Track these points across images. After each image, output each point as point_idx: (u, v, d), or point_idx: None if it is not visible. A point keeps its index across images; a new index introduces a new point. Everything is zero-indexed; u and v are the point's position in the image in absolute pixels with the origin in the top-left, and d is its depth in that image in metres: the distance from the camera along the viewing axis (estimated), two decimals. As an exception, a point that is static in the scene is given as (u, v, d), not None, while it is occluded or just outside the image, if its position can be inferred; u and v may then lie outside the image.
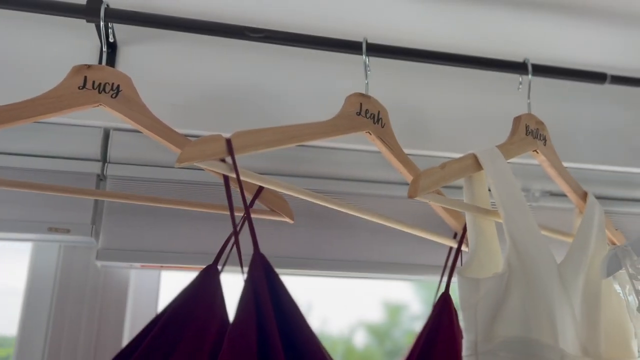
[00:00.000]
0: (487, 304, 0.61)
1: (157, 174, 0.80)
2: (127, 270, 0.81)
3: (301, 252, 0.80)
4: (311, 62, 0.85)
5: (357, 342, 1.01)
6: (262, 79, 0.83)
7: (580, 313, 0.73)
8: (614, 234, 0.86)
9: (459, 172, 0.65)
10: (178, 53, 0.83)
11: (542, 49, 0.90)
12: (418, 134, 0.86)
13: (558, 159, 0.81)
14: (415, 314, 1.08)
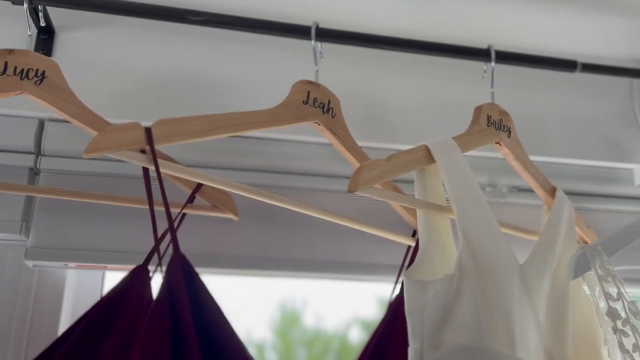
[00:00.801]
0: (435, 308, 0.56)
1: (95, 167, 0.74)
2: (63, 270, 0.76)
3: (249, 251, 0.75)
4: (262, 49, 0.80)
5: (352, 338, 1.00)
6: (208, 66, 0.78)
7: (546, 317, 0.68)
8: (586, 232, 0.81)
9: (407, 164, 0.59)
10: (119, 39, 0.78)
11: (509, 37, 0.85)
12: (377, 126, 0.81)
13: (524, 152, 0.76)
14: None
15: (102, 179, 0.75)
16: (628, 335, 0.66)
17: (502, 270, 0.61)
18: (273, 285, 1.22)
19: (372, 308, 0.98)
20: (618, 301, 0.68)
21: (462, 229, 0.59)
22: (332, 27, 0.73)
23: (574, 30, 0.89)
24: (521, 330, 0.63)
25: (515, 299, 0.62)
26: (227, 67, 0.78)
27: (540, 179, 0.77)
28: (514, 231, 0.74)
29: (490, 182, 0.86)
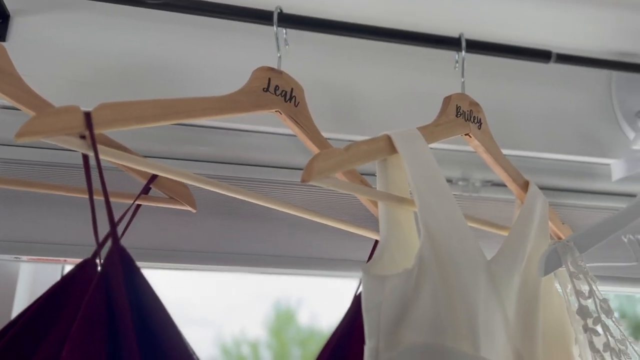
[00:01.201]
0: (392, 304, 0.53)
1: (51, 156, 0.71)
2: (16, 263, 0.73)
3: (209, 245, 0.72)
4: (226, 35, 0.77)
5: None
6: (168, 52, 0.75)
7: (515, 315, 0.66)
8: (560, 228, 0.79)
9: (367, 155, 0.57)
10: (76, 24, 0.75)
11: (484, 27, 0.82)
12: (345, 117, 0.79)
13: (495, 145, 0.73)
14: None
15: (59, 169, 0.71)
16: (599, 334, 0.64)
17: (466, 265, 0.59)
18: (268, 283, 1.20)
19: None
20: (589, 299, 0.66)
21: (424, 221, 0.57)
22: (298, 13, 0.70)
23: (552, 22, 0.87)
24: (487, 329, 0.60)
25: (480, 295, 0.60)
26: (188, 53, 0.75)
27: (513, 173, 0.74)
28: (483, 226, 0.72)
29: (463, 176, 0.84)
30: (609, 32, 0.90)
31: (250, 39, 0.77)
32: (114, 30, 0.75)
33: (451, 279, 0.56)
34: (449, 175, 0.84)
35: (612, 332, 0.65)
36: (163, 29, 0.76)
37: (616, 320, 0.66)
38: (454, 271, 0.57)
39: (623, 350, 0.64)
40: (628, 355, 0.64)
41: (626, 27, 0.90)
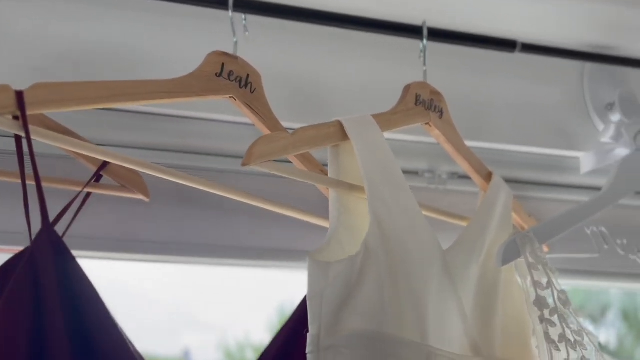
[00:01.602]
0: (335, 291, 0.52)
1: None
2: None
3: (165, 236, 0.71)
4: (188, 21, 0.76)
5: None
6: (127, 39, 0.74)
7: (473, 307, 0.65)
8: (526, 221, 0.78)
9: (315, 140, 0.56)
10: (33, 10, 0.73)
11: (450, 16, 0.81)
12: (307, 106, 0.78)
13: (457, 135, 0.72)
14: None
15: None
16: (555, 325, 0.63)
17: (417, 254, 0.58)
18: (271, 287, 1.18)
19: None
20: (547, 290, 0.65)
21: (372, 209, 0.56)
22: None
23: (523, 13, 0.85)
24: (439, 319, 0.59)
25: (433, 286, 0.59)
26: (147, 39, 0.74)
27: (475, 164, 0.73)
28: (442, 216, 0.71)
29: (429, 168, 0.83)
30: (581, 24, 0.89)
31: (211, 25, 0.75)
32: (69, 16, 0.74)
33: (399, 268, 0.55)
34: (416, 167, 0.83)
35: (568, 323, 0.64)
36: (120, 15, 0.75)
37: (574, 311, 0.65)
38: (402, 260, 0.56)
39: (579, 341, 0.63)
40: (584, 346, 0.63)
41: (599, 19, 0.89)
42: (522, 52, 0.75)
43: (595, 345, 0.64)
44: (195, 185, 0.59)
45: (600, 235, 0.74)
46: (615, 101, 0.86)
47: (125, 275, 1.35)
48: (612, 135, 0.82)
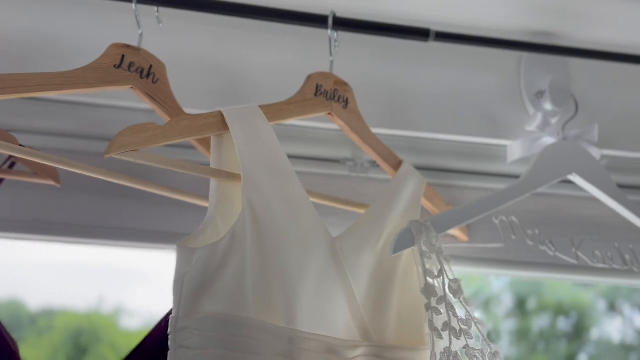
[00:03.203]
0: (195, 275, 0.54)
1: None
2: None
3: (78, 219, 0.74)
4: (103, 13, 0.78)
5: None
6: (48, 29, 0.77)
7: (367, 292, 0.67)
8: (442, 209, 0.79)
9: (190, 130, 0.58)
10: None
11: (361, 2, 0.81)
12: (225, 95, 0.80)
13: (363, 125, 0.73)
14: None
15: None
16: (441, 313, 0.64)
17: (294, 242, 0.60)
18: None
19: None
20: (438, 278, 0.66)
21: (247, 197, 0.58)
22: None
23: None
24: (320, 304, 0.61)
25: (313, 271, 0.61)
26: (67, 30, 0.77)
27: (384, 153, 0.74)
28: (340, 204, 0.72)
29: (352, 157, 0.84)
30: (520, 10, 0.88)
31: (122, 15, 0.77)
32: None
33: (271, 254, 0.57)
34: (338, 155, 0.84)
35: (456, 311, 0.65)
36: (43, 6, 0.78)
37: (464, 300, 0.66)
38: (275, 247, 0.58)
39: (465, 330, 0.64)
40: (470, 335, 0.64)
41: (537, 5, 0.88)
42: (436, 40, 0.75)
43: (482, 334, 0.65)
44: (86, 172, 0.62)
45: (509, 225, 0.74)
46: (545, 89, 0.85)
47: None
48: (539, 124, 0.81)
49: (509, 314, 2.33)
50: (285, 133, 0.82)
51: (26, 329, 1.86)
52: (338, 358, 0.61)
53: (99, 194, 0.75)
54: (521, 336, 2.34)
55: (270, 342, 0.54)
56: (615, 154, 0.88)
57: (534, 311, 2.34)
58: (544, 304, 2.28)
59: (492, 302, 2.43)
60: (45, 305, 1.90)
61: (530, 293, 2.34)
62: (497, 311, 2.46)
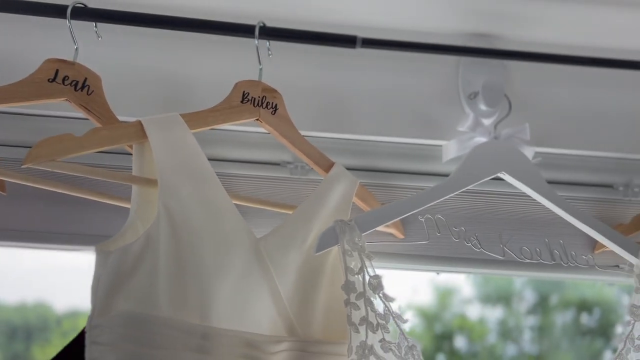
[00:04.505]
0: (109, 276, 0.58)
1: None
2: None
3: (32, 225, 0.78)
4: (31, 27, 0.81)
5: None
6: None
7: (294, 290, 0.70)
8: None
9: (108, 140, 0.61)
10: None
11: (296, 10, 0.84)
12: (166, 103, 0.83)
13: (293, 129, 0.76)
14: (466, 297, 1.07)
15: None
16: (359, 309, 0.67)
17: (212, 243, 0.63)
18: None
19: (427, 294, 0.96)
20: (358, 275, 0.69)
21: (163, 202, 0.61)
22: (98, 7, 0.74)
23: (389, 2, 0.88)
24: (241, 302, 0.64)
25: (234, 271, 0.64)
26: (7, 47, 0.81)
27: (315, 156, 0.77)
28: (268, 206, 0.76)
29: (292, 160, 0.87)
30: (456, 13, 0.90)
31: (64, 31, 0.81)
32: None
33: (185, 255, 0.61)
34: (280, 158, 0.87)
35: (374, 306, 0.68)
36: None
37: (384, 296, 0.69)
38: (191, 248, 0.61)
39: (382, 324, 0.67)
40: (387, 329, 0.67)
41: (475, 7, 0.90)
42: (363, 47, 0.78)
43: (400, 328, 0.68)
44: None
45: (434, 222, 0.77)
46: (479, 90, 0.88)
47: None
48: (470, 125, 0.84)
49: (531, 311, 2.33)
50: (225, 137, 0.85)
51: (52, 331, 1.94)
52: (259, 352, 0.65)
53: (50, 200, 0.79)
54: (544, 333, 2.33)
55: (181, 338, 0.58)
56: (549, 151, 0.90)
57: (556, 307, 2.32)
58: (567, 301, 2.27)
59: (513, 298, 2.41)
60: (71, 307, 1.98)
61: (552, 290, 2.33)
62: (519, 308, 2.44)
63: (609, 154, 0.92)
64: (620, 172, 0.92)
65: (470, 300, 1.17)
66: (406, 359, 0.66)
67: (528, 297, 2.33)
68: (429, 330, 1.09)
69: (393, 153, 0.89)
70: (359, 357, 0.64)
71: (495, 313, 1.50)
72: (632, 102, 0.93)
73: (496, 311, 1.49)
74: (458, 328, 1.29)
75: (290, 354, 0.67)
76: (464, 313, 1.33)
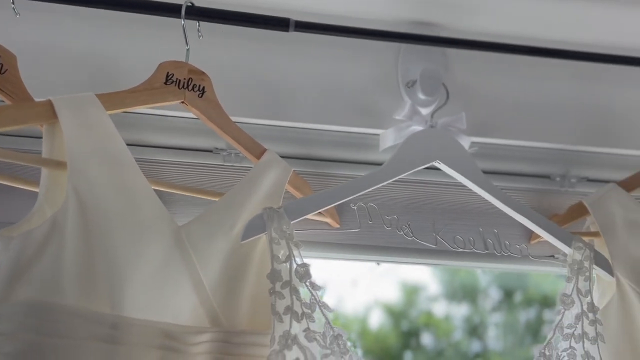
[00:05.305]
0: (11, 261, 0.55)
1: None
2: None
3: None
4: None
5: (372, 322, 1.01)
6: None
7: (219, 279, 0.67)
8: (311, 198, 0.79)
9: (14, 119, 0.58)
10: None
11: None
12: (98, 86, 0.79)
13: (222, 114, 0.74)
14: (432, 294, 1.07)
15: None
16: (284, 298, 0.65)
17: (127, 229, 0.60)
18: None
19: (394, 291, 0.97)
20: (285, 263, 0.67)
21: (72, 185, 0.58)
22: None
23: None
24: (155, 291, 0.61)
25: (146, 258, 0.61)
26: None
27: (246, 142, 0.75)
28: (192, 193, 0.73)
29: (226, 147, 0.84)
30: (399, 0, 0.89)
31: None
32: None
33: (96, 242, 0.58)
34: (212, 145, 0.85)
35: (300, 295, 0.66)
36: None
37: (310, 284, 0.67)
38: (102, 235, 0.58)
39: (308, 313, 0.65)
40: (312, 318, 0.65)
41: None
42: (296, 30, 0.76)
43: (326, 317, 0.66)
44: None
45: (366, 210, 0.75)
46: (417, 79, 0.87)
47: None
48: (407, 113, 0.83)
49: (496, 308, 2.36)
50: (155, 122, 0.82)
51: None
52: (178, 343, 0.62)
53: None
54: (508, 329, 2.36)
55: (88, 328, 0.55)
56: (487, 141, 0.89)
57: (520, 304, 2.35)
58: (530, 297, 2.30)
59: (478, 295, 2.45)
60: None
61: (517, 287, 2.36)
62: (484, 305, 2.47)
63: (547, 144, 0.92)
64: (558, 163, 0.93)
65: (436, 297, 1.18)
66: (331, 348, 0.65)
67: (493, 294, 2.36)
68: (395, 327, 1.10)
69: (330, 141, 0.88)
70: (281, 347, 0.62)
71: (461, 310, 1.52)
72: (570, 93, 0.94)
73: (462, 308, 1.51)
74: (424, 325, 1.30)
75: (212, 344, 0.64)
76: (431, 310, 1.34)
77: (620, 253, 0.80)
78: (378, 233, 0.81)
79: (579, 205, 0.86)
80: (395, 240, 0.81)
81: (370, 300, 0.98)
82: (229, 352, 0.64)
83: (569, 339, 0.74)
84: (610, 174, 0.93)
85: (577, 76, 0.94)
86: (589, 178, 0.94)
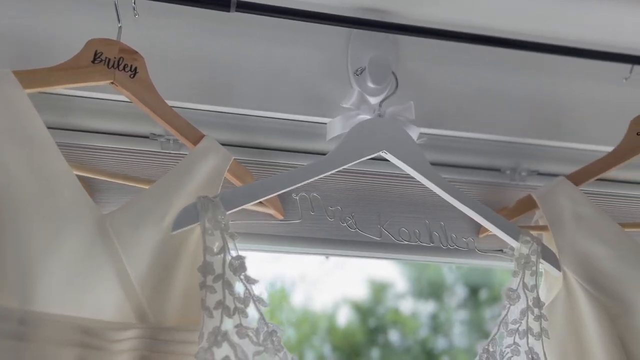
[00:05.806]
0: None
1: None
2: None
3: None
4: None
5: (340, 319, 1.00)
6: None
7: (147, 272, 0.63)
8: (252, 187, 0.76)
9: None
10: None
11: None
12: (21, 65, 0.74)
13: (156, 96, 0.69)
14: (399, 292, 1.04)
15: None
16: (215, 292, 0.61)
17: (42, 216, 0.55)
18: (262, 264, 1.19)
19: (362, 289, 0.99)
20: (219, 255, 0.63)
21: None
22: None
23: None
24: (74, 284, 0.57)
25: (63, 248, 0.57)
26: None
27: (181, 127, 0.71)
28: (122, 180, 0.69)
29: (164, 133, 0.80)
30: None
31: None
32: None
33: (5, 230, 0.53)
34: (149, 131, 0.80)
35: (233, 289, 0.62)
36: None
37: (245, 278, 0.63)
38: (12, 221, 0.54)
39: (241, 308, 0.62)
40: (245, 313, 0.62)
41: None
42: (237, 11, 0.72)
43: (261, 312, 0.63)
44: None
45: (309, 201, 0.72)
46: (365, 66, 0.84)
47: None
48: (354, 102, 0.80)
49: (461, 305, 2.40)
50: (89, 106, 0.78)
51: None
52: (100, 340, 0.58)
53: None
54: (473, 326, 2.40)
55: (-8, 324, 0.50)
56: (436, 132, 0.87)
57: (485, 302, 2.39)
58: (496, 295, 2.34)
59: (445, 293, 2.49)
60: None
61: (482, 284, 2.40)
62: (450, 302, 2.51)
63: (497, 137, 0.90)
64: (508, 156, 0.91)
65: (403, 294, 1.17)
66: (264, 345, 0.61)
67: (459, 291, 2.39)
68: (363, 324, 1.09)
69: (275, 129, 0.84)
70: (210, 344, 0.58)
71: (427, 307, 1.53)
72: (521, 85, 0.92)
73: (428, 305, 1.53)
74: (391, 322, 1.30)
75: (138, 341, 0.60)
76: (398, 307, 1.34)
77: (568, 247, 0.79)
78: (322, 225, 0.78)
79: (528, 198, 0.84)
80: (341, 232, 0.78)
81: (338, 297, 0.97)
82: (155, 350, 0.60)
83: (514, 334, 0.72)
84: (561, 167, 0.92)
85: (528, 68, 0.93)
86: (540, 171, 0.92)
